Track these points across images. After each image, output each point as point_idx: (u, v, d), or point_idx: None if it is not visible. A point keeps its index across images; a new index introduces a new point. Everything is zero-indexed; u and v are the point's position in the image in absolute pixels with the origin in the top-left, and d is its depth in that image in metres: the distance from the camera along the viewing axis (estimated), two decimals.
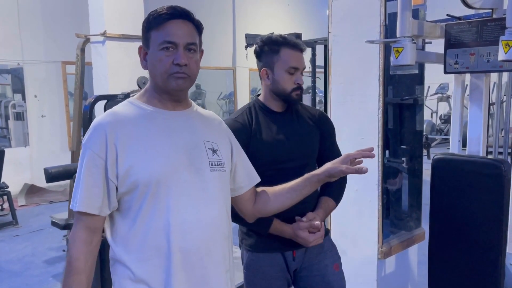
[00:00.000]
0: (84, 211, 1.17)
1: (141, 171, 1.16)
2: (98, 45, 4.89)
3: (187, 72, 1.20)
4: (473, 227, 1.71)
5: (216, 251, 1.25)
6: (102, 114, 1.25)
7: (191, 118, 1.30)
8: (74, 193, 1.20)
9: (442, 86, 10.56)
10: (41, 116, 7.40)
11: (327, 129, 1.81)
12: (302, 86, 1.69)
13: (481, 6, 1.88)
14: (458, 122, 2.06)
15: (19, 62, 7.08)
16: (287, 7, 11.45)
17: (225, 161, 1.32)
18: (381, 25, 2.33)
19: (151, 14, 1.23)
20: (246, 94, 10.63)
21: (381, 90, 2.38)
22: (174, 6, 1.23)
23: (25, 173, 7.13)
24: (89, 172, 1.17)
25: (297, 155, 1.70)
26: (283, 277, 1.73)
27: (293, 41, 1.67)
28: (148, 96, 1.27)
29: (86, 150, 1.19)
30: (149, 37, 1.23)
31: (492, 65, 1.69)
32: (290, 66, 1.65)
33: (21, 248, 4.75)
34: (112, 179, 1.17)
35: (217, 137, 1.34)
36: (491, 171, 1.65)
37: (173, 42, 1.19)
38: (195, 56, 1.23)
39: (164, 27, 1.20)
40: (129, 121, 1.21)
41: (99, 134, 1.18)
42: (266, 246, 1.70)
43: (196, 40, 1.24)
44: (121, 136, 1.18)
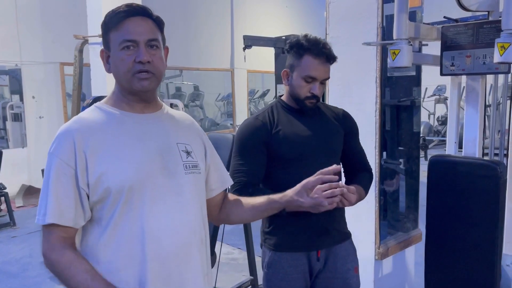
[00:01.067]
0: (56, 223, 1.10)
1: (113, 177, 1.11)
2: (96, 46, 4.90)
3: (150, 69, 1.15)
4: (469, 228, 1.73)
5: (194, 256, 1.21)
6: (69, 121, 1.19)
7: (162, 120, 1.25)
8: (40, 205, 1.12)
9: (439, 88, 10.59)
10: (39, 117, 7.38)
11: (351, 129, 1.80)
12: (318, 96, 1.65)
13: (477, 8, 1.90)
14: (454, 124, 2.07)
15: (17, 63, 7.07)
16: (285, 9, 11.47)
17: (200, 162, 1.28)
18: (378, 27, 2.35)
19: (107, 15, 1.18)
20: (244, 95, 10.64)
21: (378, 92, 2.40)
22: (130, 3, 1.18)
23: (23, 174, 7.12)
24: (58, 181, 1.11)
25: (320, 152, 1.69)
26: (303, 278, 1.72)
27: (319, 49, 1.61)
28: (115, 99, 1.22)
29: (53, 158, 1.12)
30: (108, 39, 1.18)
31: (488, 67, 1.70)
32: (307, 75, 1.62)
33: (19, 249, 4.75)
34: (83, 187, 1.12)
35: (190, 139, 1.30)
36: (487, 172, 1.66)
37: (133, 40, 1.14)
38: (158, 52, 1.18)
39: (122, 26, 1.15)
40: (97, 127, 1.16)
41: (67, 141, 1.12)
42: (290, 245, 1.70)
43: (157, 36, 1.19)
44: (90, 143, 1.12)
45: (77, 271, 1.08)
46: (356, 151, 1.81)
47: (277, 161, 1.67)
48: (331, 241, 1.74)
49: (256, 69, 10.31)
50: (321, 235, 1.71)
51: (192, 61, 8.95)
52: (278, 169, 1.68)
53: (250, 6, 10.57)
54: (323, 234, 1.71)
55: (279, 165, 1.64)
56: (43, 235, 1.14)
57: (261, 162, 1.67)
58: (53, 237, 1.12)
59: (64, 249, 1.11)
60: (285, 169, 1.61)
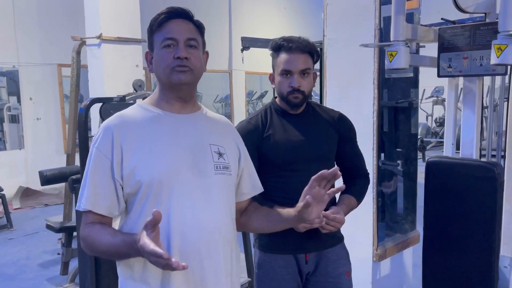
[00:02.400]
0: (90, 209, 1.19)
1: (144, 171, 1.18)
2: (94, 47, 4.88)
3: (188, 65, 1.21)
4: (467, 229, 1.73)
5: (217, 255, 1.24)
6: (111, 117, 1.27)
7: (199, 121, 1.31)
8: (80, 193, 1.21)
9: (437, 90, 10.61)
10: (36, 119, 7.37)
11: (346, 132, 1.78)
12: (301, 89, 1.64)
13: (474, 10, 1.90)
14: (452, 125, 2.07)
15: (14, 64, 7.06)
16: (283, 11, 11.49)
17: (232, 165, 1.32)
18: (376, 29, 2.35)
19: (152, 19, 1.26)
20: (242, 97, 10.64)
21: (376, 93, 2.39)
22: (173, 6, 1.25)
23: (20, 176, 7.10)
24: (95, 171, 1.19)
25: (312, 158, 1.68)
26: (293, 279, 1.72)
27: (289, 44, 1.64)
28: (156, 98, 1.30)
29: (94, 150, 1.21)
30: (152, 41, 1.26)
31: (485, 68, 1.71)
32: (282, 69, 1.64)
33: (16, 251, 4.73)
34: (118, 179, 1.19)
35: (224, 141, 1.33)
36: (484, 173, 1.66)
37: (173, 38, 1.21)
38: (196, 52, 1.25)
39: (165, 27, 1.23)
40: (136, 123, 1.24)
41: (106, 135, 1.21)
42: (279, 247, 1.70)
43: (196, 37, 1.26)
44: (127, 138, 1.20)
45: (103, 235, 1.17)
46: (352, 155, 1.79)
47: (268, 166, 1.66)
48: (321, 245, 1.73)
49: (254, 70, 10.31)
50: (310, 238, 1.69)
51: None
52: (269, 174, 1.66)
53: (248, 8, 10.58)
54: (312, 237, 1.69)
55: (270, 170, 1.62)
56: (82, 219, 1.22)
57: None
58: (89, 220, 1.20)
59: (94, 224, 1.20)
60: (276, 174, 1.60)
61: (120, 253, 1.16)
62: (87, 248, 1.21)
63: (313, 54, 1.68)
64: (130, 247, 1.10)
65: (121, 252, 1.15)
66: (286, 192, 1.64)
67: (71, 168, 3.95)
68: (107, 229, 1.20)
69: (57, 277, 3.93)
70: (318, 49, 1.71)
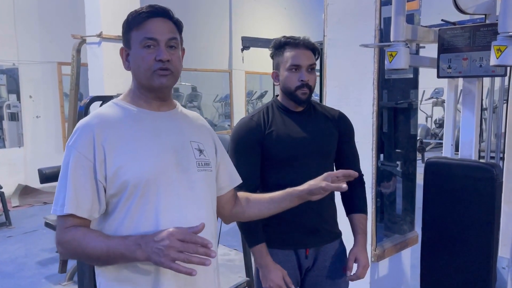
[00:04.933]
0: (73, 213, 1.14)
1: (130, 171, 1.15)
2: (94, 46, 4.89)
3: (170, 67, 1.20)
4: (465, 230, 1.73)
5: None
6: (88, 116, 1.24)
7: (177, 119, 1.31)
8: (57, 197, 1.16)
9: (437, 91, 10.62)
10: (36, 117, 7.37)
11: (346, 130, 1.81)
12: (309, 84, 1.67)
13: (475, 11, 1.90)
14: (451, 127, 2.07)
15: (14, 62, 7.06)
16: (284, 11, 11.49)
17: (211, 160, 1.33)
18: (376, 29, 2.35)
19: (130, 14, 1.23)
20: (242, 96, 10.64)
21: (376, 94, 2.40)
22: (152, 4, 1.23)
23: (19, 174, 7.10)
24: (75, 173, 1.14)
25: (312, 153, 1.71)
26: (293, 274, 1.75)
27: (296, 41, 1.69)
28: (132, 96, 1.27)
29: (72, 150, 1.16)
30: (129, 38, 1.23)
31: (484, 70, 1.71)
32: (290, 64, 1.67)
33: (14, 249, 4.73)
34: (101, 180, 1.16)
35: (202, 137, 1.34)
36: (483, 174, 1.66)
37: (154, 39, 1.19)
38: (176, 52, 1.24)
39: (144, 26, 1.20)
40: (116, 122, 1.21)
41: (86, 135, 1.16)
42: (280, 243, 1.74)
43: (176, 36, 1.24)
44: (108, 137, 1.17)
45: (91, 238, 1.13)
46: (349, 154, 1.83)
47: (270, 162, 1.68)
48: (320, 240, 1.77)
49: (254, 70, 10.32)
50: (310, 234, 1.74)
51: (190, 62, 8.94)
52: (271, 170, 1.69)
53: (248, 8, 10.58)
54: (312, 233, 1.74)
55: (272, 166, 1.65)
56: (58, 224, 1.17)
57: (255, 163, 1.69)
58: (68, 224, 1.15)
59: (77, 228, 1.15)
60: (278, 170, 1.62)
61: (114, 256, 1.11)
62: (69, 252, 1.17)
63: (315, 52, 1.72)
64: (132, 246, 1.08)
65: (116, 255, 1.11)
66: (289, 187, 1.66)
67: None
68: (95, 232, 1.17)
69: (56, 275, 3.93)
70: (319, 49, 1.75)
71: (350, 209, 1.82)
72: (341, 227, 1.85)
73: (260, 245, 1.71)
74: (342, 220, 1.84)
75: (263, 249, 1.71)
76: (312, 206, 1.67)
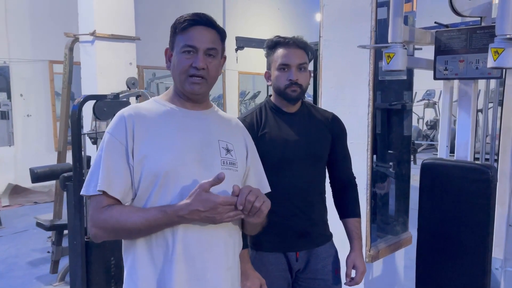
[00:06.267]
0: (105, 190, 1.18)
1: (152, 161, 1.20)
2: (87, 44, 4.85)
3: (204, 75, 1.26)
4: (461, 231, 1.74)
5: (218, 247, 1.26)
6: (127, 107, 1.31)
7: (209, 118, 1.35)
8: (90, 177, 1.21)
9: (428, 93, 10.70)
10: (26, 115, 7.30)
11: (338, 133, 1.82)
12: (298, 82, 1.67)
13: (471, 14, 1.92)
14: (446, 128, 2.09)
15: (5, 60, 6.98)
16: (277, 11, 11.51)
17: (239, 161, 1.34)
18: (372, 31, 2.36)
19: (177, 20, 1.30)
20: (235, 97, 10.64)
21: (371, 95, 2.40)
22: (199, 13, 1.31)
23: (9, 173, 7.02)
24: (109, 156, 1.21)
25: (305, 155, 1.71)
26: (284, 277, 1.74)
27: (286, 40, 1.69)
28: (171, 95, 1.35)
29: (107, 135, 1.23)
30: (174, 41, 1.30)
31: (480, 72, 1.72)
32: (279, 63, 1.67)
33: (5, 249, 4.67)
34: (132, 164, 1.21)
35: (233, 139, 1.37)
36: (479, 176, 1.67)
37: (194, 47, 1.25)
38: (214, 61, 1.29)
39: (188, 32, 1.27)
40: (149, 115, 1.27)
41: (120, 123, 1.24)
42: (270, 246, 1.73)
43: (217, 46, 1.29)
44: (139, 127, 1.23)
45: (130, 212, 1.19)
46: (341, 157, 1.83)
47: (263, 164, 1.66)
48: (310, 243, 1.76)
49: (247, 70, 10.31)
50: (300, 237, 1.74)
51: None
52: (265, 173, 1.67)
53: (241, 8, 10.58)
54: (302, 236, 1.74)
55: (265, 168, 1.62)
56: (92, 206, 1.21)
57: None
58: (103, 203, 1.20)
59: (111, 206, 1.20)
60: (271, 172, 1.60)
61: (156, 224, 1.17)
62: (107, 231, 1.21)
63: (308, 51, 1.72)
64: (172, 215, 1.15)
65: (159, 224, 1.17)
66: (281, 190, 1.66)
67: (63, 166, 3.91)
68: (129, 208, 1.21)
69: (47, 275, 3.89)
70: (313, 48, 1.75)
71: (344, 213, 1.83)
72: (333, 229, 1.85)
73: (243, 250, 1.69)
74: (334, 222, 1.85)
75: (245, 255, 1.66)
76: (301, 209, 1.69)
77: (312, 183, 1.75)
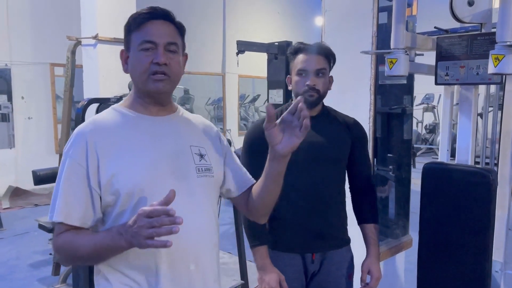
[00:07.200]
0: (62, 221, 1.12)
1: (123, 179, 1.12)
2: (89, 48, 4.88)
3: (167, 71, 1.16)
4: (462, 234, 1.76)
5: (205, 260, 1.22)
6: (84, 122, 1.22)
7: (176, 123, 1.26)
8: (52, 203, 1.14)
9: (427, 97, 10.74)
10: (27, 118, 7.32)
11: (359, 138, 1.84)
12: (315, 88, 1.70)
13: (471, 20, 1.95)
14: (447, 132, 2.11)
15: (7, 63, 7.00)
16: (277, 15, 11.56)
17: (214, 165, 1.28)
18: (374, 36, 2.39)
19: (131, 17, 1.20)
20: (235, 100, 10.67)
21: (372, 99, 2.44)
22: (154, 6, 1.19)
23: (10, 175, 7.03)
24: (68, 181, 1.12)
25: (322, 158, 1.73)
26: (299, 278, 1.77)
27: (306, 46, 1.74)
28: (132, 101, 1.24)
29: (66, 158, 1.14)
30: (129, 40, 1.20)
31: (481, 77, 1.75)
32: (298, 69, 1.72)
33: (6, 252, 4.68)
34: (95, 188, 1.13)
35: (204, 141, 1.29)
36: (479, 179, 1.70)
37: (152, 42, 1.15)
38: (176, 57, 1.19)
39: (144, 28, 1.17)
40: (111, 128, 1.17)
41: (80, 142, 1.14)
42: (286, 246, 1.76)
43: (177, 41, 1.20)
44: (102, 143, 1.14)
45: (79, 238, 1.11)
46: (360, 162, 1.85)
47: None
48: (326, 246, 1.78)
49: (247, 74, 10.35)
50: (316, 238, 1.76)
51: None
52: None
53: (242, 12, 10.63)
54: (318, 237, 1.76)
55: None
56: (54, 230, 1.16)
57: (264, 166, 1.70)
58: (61, 230, 1.14)
59: (67, 232, 1.13)
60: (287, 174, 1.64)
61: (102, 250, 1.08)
62: (65, 257, 1.15)
63: (329, 57, 1.75)
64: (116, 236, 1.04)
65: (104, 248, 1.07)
66: (298, 191, 1.71)
67: None
68: (83, 231, 1.14)
69: (49, 277, 3.90)
70: (334, 54, 1.78)
71: (361, 218, 1.85)
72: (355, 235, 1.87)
73: (262, 246, 1.73)
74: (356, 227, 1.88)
75: (264, 251, 1.73)
76: (318, 211, 1.72)
77: (329, 185, 1.77)
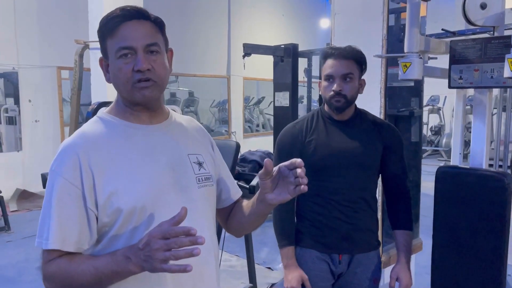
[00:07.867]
0: (58, 249, 1.01)
1: (124, 197, 1.03)
2: (97, 51, 4.87)
3: (152, 77, 1.05)
4: (476, 238, 1.76)
5: (209, 274, 1.17)
6: (72, 136, 1.09)
7: (171, 130, 1.18)
8: (41, 227, 1.03)
9: (433, 99, 10.71)
10: (34, 121, 7.35)
11: (392, 143, 1.80)
12: (342, 93, 1.68)
13: (484, 23, 1.94)
14: (459, 135, 2.11)
15: (14, 66, 7.04)
16: (282, 18, 11.57)
17: (212, 173, 1.22)
18: (384, 39, 2.39)
19: (101, 21, 1.07)
20: (240, 102, 10.68)
21: (383, 102, 2.44)
22: (124, 6, 1.07)
23: (17, 178, 7.05)
24: (61, 202, 1.02)
25: (351, 164, 1.72)
26: (326, 277, 1.78)
27: (333, 50, 1.73)
28: (119, 109, 1.13)
29: (56, 177, 1.03)
30: (106, 47, 1.08)
31: (495, 81, 1.75)
32: (325, 75, 1.72)
33: (15, 254, 4.70)
34: (92, 208, 1.03)
35: (200, 147, 1.23)
36: (494, 183, 1.70)
37: (130, 47, 1.04)
38: (159, 58, 1.08)
39: (118, 32, 1.05)
40: (103, 141, 1.07)
41: (70, 158, 1.02)
42: (313, 244, 1.78)
43: (157, 40, 1.08)
44: (96, 159, 1.03)
45: (77, 263, 1.01)
46: (394, 168, 1.81)
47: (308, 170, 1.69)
48: (353, 248, 1.78)
49: (251, 76, 10.36)
50: (342, 240, 1.76)
51: (188, 67, 8.98)
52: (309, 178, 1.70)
53: (247, 14, 10.65)
54: (344, 239, 1.76)
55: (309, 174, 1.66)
56: (42, 258, 1.05)
57: None
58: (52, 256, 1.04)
59: (60, 258, 1.03)
60: (315, 179, 1.64)
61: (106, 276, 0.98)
62: (59, 286, 1.03)
63: (359, 61, 1.73)
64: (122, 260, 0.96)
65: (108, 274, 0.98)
66: (325, 197, 1.72)
67: None
68: (79, 256, 1.03)
69: None
70: (365, 57, 1.77)
71: (394, 224, 1.85)
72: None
73: (289, 247, 1.76)
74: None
75: (291, 251, 1.76)
76: (344, 213, 1.73)
77: (357, 190, 1.75)
